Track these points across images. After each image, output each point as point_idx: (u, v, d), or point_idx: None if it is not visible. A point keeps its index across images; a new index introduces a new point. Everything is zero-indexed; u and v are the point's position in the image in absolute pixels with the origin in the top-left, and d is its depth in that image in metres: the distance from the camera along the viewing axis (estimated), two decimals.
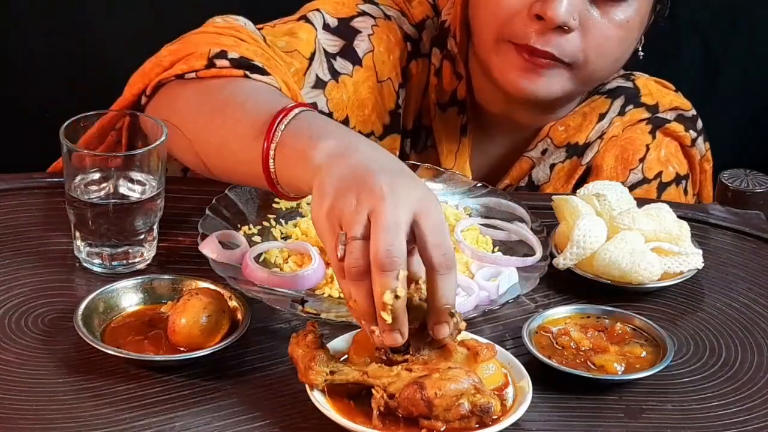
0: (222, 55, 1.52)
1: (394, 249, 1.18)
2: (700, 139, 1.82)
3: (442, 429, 1.20)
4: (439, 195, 1.59)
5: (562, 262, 1.46)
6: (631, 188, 1.75)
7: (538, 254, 1.48)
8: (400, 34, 1.74)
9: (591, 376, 1.31)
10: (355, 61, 1.71)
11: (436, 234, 1.21)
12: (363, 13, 1.73)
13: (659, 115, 1.79)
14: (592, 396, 1.30)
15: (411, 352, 1.24)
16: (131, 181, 1.43)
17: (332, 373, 1.23)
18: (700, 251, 1.49)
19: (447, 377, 1.20)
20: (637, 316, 1.39)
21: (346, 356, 1.28)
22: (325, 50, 1.70)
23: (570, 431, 1.26)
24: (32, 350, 1.32)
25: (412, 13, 1.77)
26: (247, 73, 1.51)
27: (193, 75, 1.52)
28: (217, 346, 1.30)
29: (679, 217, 1.52)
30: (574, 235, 1.46)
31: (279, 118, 1.35)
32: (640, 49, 1.73)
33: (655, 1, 1.69)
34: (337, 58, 1.70)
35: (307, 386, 1.23)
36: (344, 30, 1.72)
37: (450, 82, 1.75)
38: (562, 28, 1.59)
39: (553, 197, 1.53)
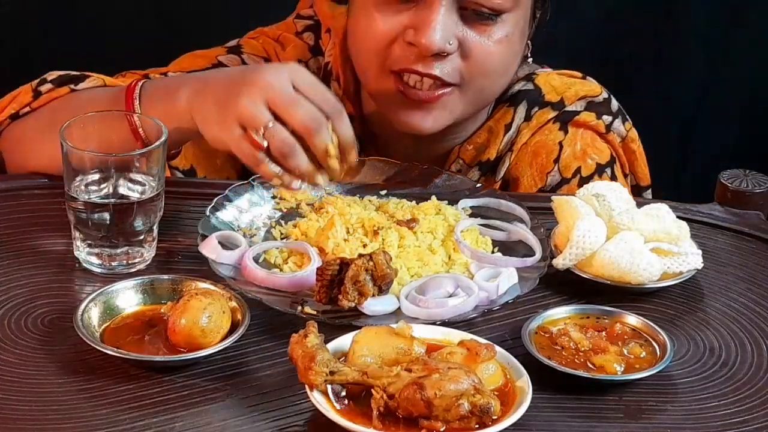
0: (42, 81, 1.64)
1: (310, 111, 1.40)
2: (617, 122, 1.77)
3: (441, 429, 1.20)
4: (439, 195, 1.59)
5: (561, 262, 1.47)
6: (552, 191, 1.73)
7: (538, 254, 1.48)
8: None
9: (591, 376, 1.31)
10: None
11: (316, 90, 1.42)
12: (218, 64, 1.74)
13: (567, 109, 1.75)
14: (592, 396, 1.30)
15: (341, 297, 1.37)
16: (131, 181, 1.43)
17: (332, 373, 1.23)
18: (700, 251, 1.49)
19: (447, 377, 1.20)
20: (637, 316, 1.39)
21: (345, 356, 1.28)
22: None
23: (570, 431, 1.26)
24: (32, 350, 1.32)
25: (282, 60, 1.76)
26: (71, 86, 1.62)
27: (27, 109, 1.62)
28: (217, 346, 1.30)
29: (679, 217, 1.52)
30: (573, 235, 1.46)
31: (131, 94, 1.52)
32: (528, 54, 1.71)
33: (534, 8, 1.66)
34: None
35: (306, 386, 1.23)
36: None
37: None
38: (441, 54, 1.58)
39: (553, 197, 1.53)
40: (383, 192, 1.61)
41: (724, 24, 2.65)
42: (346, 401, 1.23)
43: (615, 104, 1.78)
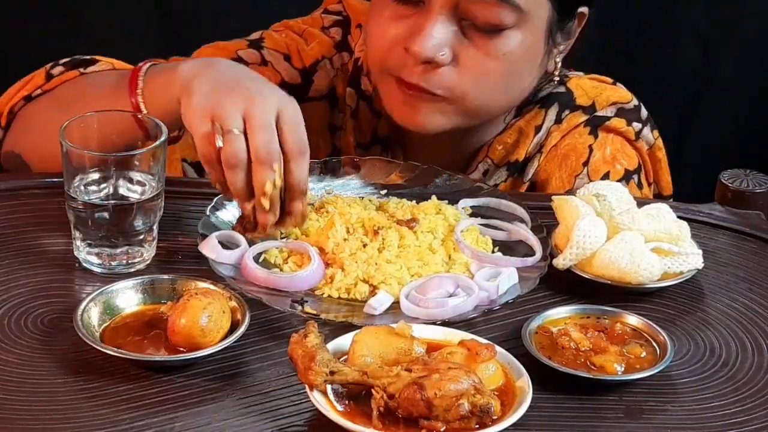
0: (55, 65, 1.67)
1: (271, 145, 1.39)
2: (646, 129, 1.77)
3: (441, 429, 1.20)
4: (439, 195, 1.59)
5: (562, 262, 1.46)
6: None
7: (538, 254, 1.48)
8: (275, 81, 1.71)
9: (591, 376, 1.31)
10: None
11: (293, 125, 1.41)
12: (237, 59, 1.74)
13: (598, 113, 1.75)
14: (592, 396, 1.30)
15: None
16: (131, 181, 1.43)
17: (332, 373, 1.23)
18: (700, 251, 1.49)
19: (447, 377, 1.20)
20: (637, 316, 1.39)
21: (345, 356, 1.28)
22: None
23: (570, 431, 1.26)
24: (32, 350, 1.32)
25: (303, 57, 1.77)
26: (81, 70, 1.64)
27: (39, 91, 1.65)
28: (217, 346, 1.30)
29: (680, 217, 1.52)
30: (574, 235, 1.46)
31: (137, 73, 1.53)
32: (556, 74, 1.70)
33: (552, 27, 1.64)
34: None
35: (306, 386, 1.23)
36: None
37: (369, 121, 1.74)
38: (430, 63, 1.58)
39: (553, 197, 1.53)
40: (383, 192, 1.61)
41: (723, 24, 2.65)
42: (346, 401, 1.23)
43: (644, 112, 1.79)
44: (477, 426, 1.21)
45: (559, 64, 1.70)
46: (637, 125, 1.76)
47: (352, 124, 1.76)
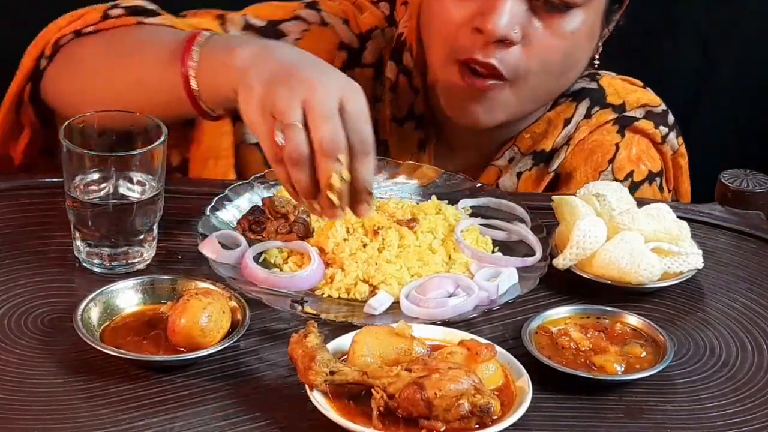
0: (115, 6, 1.60)
1: (336, 135, 1.31)
2: (672, 135, 1.79)
3: (441, 429, 1.20)
4: (439, 195, 1.59)
5: (562, 262, 1.46)
6: None
7: (538, 254, 1.48)
8: (335, 43, 1.73)
9: (591, 376, 1.31)
10: None
11: (357, 120, 1.33)
12: (297, 18, 1.73)
13: (627, 113, 1.76)
14: (592, 396, 1.30)
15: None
16: (131, 181, 1.43)
17: (332, 373, 1.23)
18: (700, 251, 1.49)
19: (447, 377, 1.20)
20: (637, 316, 1.39)
21: (345, 356, 1.28)
22: None
23: (570, 431, 1.26)
24: (32, 350, 1.32)
25: (359, 23, 1.76)
26: (142, 19, 1.58)
27: (91, 29, 1.57)
28: (217, 346, 1.30)
29: (679, 217, 1.52)
30: (574, 235, 1.46)
31: (192, 42, 1.45)
32: (596, 57, 1.70)
33: (607, 10, 1.65)
34: None
35: (306, 387, 1.23)
36: (270, 32, 1.71)
37: (406, 96, 1.74)
38: (504, 41, 1.57)
39: (553, 197, 1.53)
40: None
41: (723, 24, 2.65)
42: (346, 401, 1.23)
43: (671, 118, 1.80)
44: (477, 426, 1.21)
45: (600, 49, 1.70)
46: (663, 129, 1.78)
47: (390, 97, 1.75)
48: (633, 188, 1.74)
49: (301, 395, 1.25)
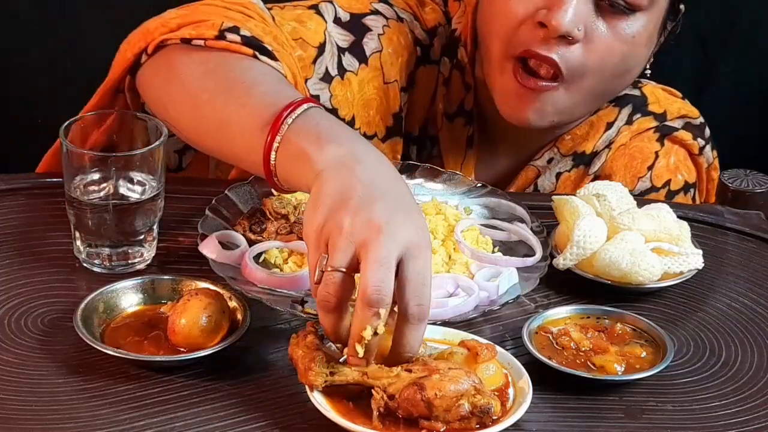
0: (234, 30, 1.50)
1: (384, 286, 1.18)
2: (708, 147, 1.81)
3: (442, 430, 1.20)
4: (439, 195, 1.59)
5: (562, 262, 1.46)
6: (640, 195, 1.74)
7: (538, 254, 1.48)
8: (410, 38, 1.73)
9: (591, 376, 1.31)
10: (362, 59, 1.69)
11: (418, 282, 1.20)
12: (376, 12, 1.71)
13: (667, 123, 1.78)
14: (592, 396, 1.30)
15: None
16: (131, 181, 1.43)
17: (332, 373, 1.23)
18: (700, 251, 1.49)
19: (447, 378, 1.20)
20: (637, 316, 1.39)
21: (345, 357, 1.28)
22: (336, 44, 1.68)
23: (570, 431, 1.26)
24: (32, 350, 1.32)
25: (425, 19, 1.75)
26: (257, 53, 1.49)
27: (201, 42, 1.50)
28: (217, 346, 1.30)
29: (679, 217, 1.52)
30: (574, 235, 1.46)
31: (287, 112, 1.33)
32: (647, 67, 1.70)
33: (665, 18, 1.66)
34: (346, 53, 1.68)
35: (306, 387, 1.23)
36: (355, 26, 1.70)
37: (458, 92, 1.74)
38: (566, 38, 1.57)
39: (553, 197, 1.53)
40: None
41: (723, 24, 2.64)
42: (346, 402, 1.23)
43: (708, 131, 1.82)
44: (477, 426, 1.21)
45: (652, 59, 1.71)
46: (701, 141, 1.80)
47: (443, 92, 1.75)
48: (669, 196, 1.76)
49: (301, 395, 1.25)
